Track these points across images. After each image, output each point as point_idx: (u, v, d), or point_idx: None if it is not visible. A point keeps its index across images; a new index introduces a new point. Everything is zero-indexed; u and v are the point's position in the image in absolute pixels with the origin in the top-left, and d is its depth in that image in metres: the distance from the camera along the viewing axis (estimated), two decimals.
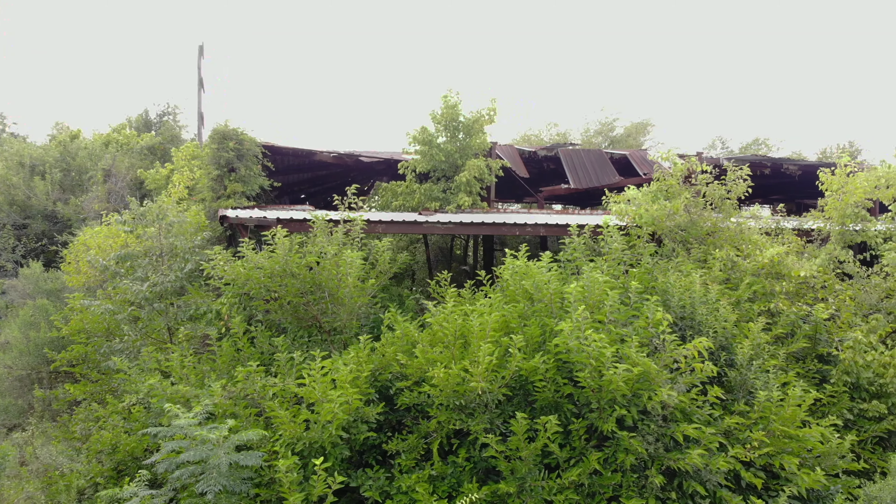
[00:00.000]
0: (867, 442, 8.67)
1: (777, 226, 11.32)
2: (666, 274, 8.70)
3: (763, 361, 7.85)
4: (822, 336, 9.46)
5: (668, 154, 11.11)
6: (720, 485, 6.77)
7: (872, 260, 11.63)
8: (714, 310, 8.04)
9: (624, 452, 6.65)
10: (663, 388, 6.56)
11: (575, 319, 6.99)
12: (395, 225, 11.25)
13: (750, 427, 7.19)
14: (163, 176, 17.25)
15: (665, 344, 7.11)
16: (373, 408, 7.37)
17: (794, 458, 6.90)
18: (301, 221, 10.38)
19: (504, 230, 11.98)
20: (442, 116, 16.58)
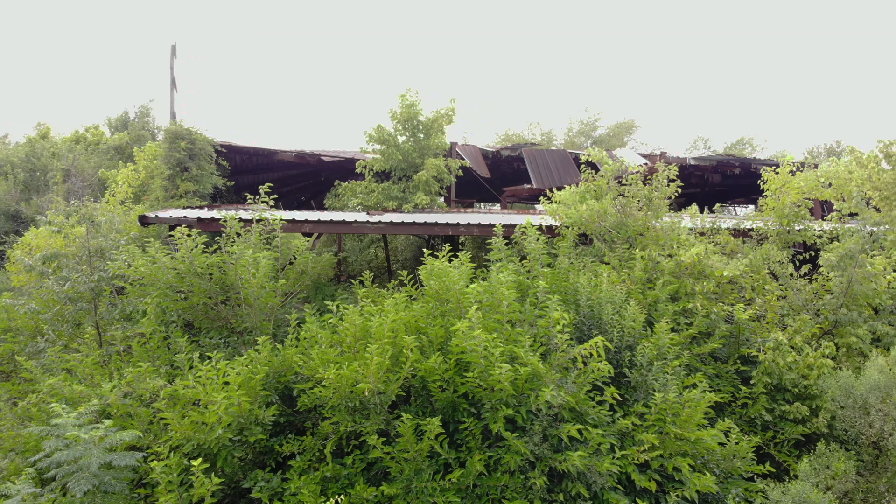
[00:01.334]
0: (784, 444, 8.57)
1: (713, 226, 11.21)
2: (578, 274, 8.62)
3: (666, 362, 7.75)
4: (746, 337, 9.37)
5: (599, 154, 11.01)
6: (611, 488, 6.67)
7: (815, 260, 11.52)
8: (619, 309, 7.95)
9: (509, 453, 6.57)
10: (547, 388, 6.47)
11: (469, 319, 6.91)
12: (322, 224, 11.17)
13: (646, 428, 7.10)
14: (136, 177, 17.21)
15: (559, 343, 7.03)
16: (266, 410, 7.29)
17: (685, 461, 6.80)
18: (213, 221, 10.29)
19: (436, 230, 11.89)
20: (401, 115, 16.52)
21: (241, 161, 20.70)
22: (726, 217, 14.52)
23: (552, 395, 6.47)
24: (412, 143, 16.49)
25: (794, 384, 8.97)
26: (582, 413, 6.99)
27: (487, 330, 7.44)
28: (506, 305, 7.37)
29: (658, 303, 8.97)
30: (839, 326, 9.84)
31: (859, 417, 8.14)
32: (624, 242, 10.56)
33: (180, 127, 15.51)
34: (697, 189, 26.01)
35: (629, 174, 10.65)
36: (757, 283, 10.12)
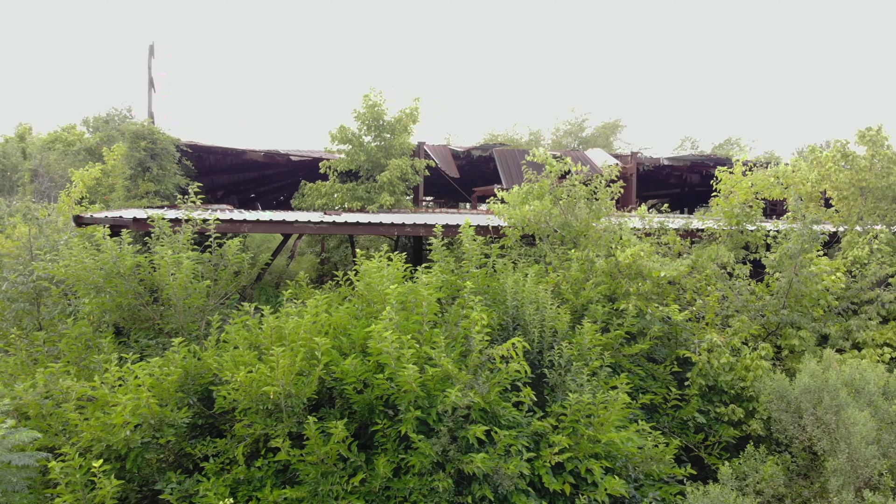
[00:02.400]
0: (715, 447, 8.49)
1: (661, 226, 11.12)
2: (508, 275, 8.54)
3: (587, 363, 7.67)
4: (685, 338, 9.29)
5: (544, 155, 10.92)
6: (522, 490, 6.60)
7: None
8: (540, 309, 7.87)
9: (416, 455, 6.51)
10: (453, 389, 6.40)
11: (383, 320, 6.85)
12: (262, 224, 11.09)
13: (561, 430, 7.02)
14: (92, 176, 17.16)
15: (475, 344, 6.96)
16: (179, 412, 7.23)
17: (598, 463, 6.73)
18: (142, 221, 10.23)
19: (381, 230, 11.80)
20: (365, 115, 16.45)
21: (216, 161, 20.68)
22: (675, 217, 14.42)
23: (457, 397, 6.39)
24: (377, 144, 16.43)
25: (731, 386, 8.88)
26: (496, 414, 6.91)
27: (408, 331, 7.38)
28: (425, 306, 7.29)
29: (591, 303, 8.88)
30: (783, 328, 9.75)
31: (792, 421, 8.04)
32: (569, 243, 10.49)
33: (142, 127, 15.47)
34: (677, 189, 25.91)
35: (573, 175, 10.57)
36: (700, 284, 10.02)
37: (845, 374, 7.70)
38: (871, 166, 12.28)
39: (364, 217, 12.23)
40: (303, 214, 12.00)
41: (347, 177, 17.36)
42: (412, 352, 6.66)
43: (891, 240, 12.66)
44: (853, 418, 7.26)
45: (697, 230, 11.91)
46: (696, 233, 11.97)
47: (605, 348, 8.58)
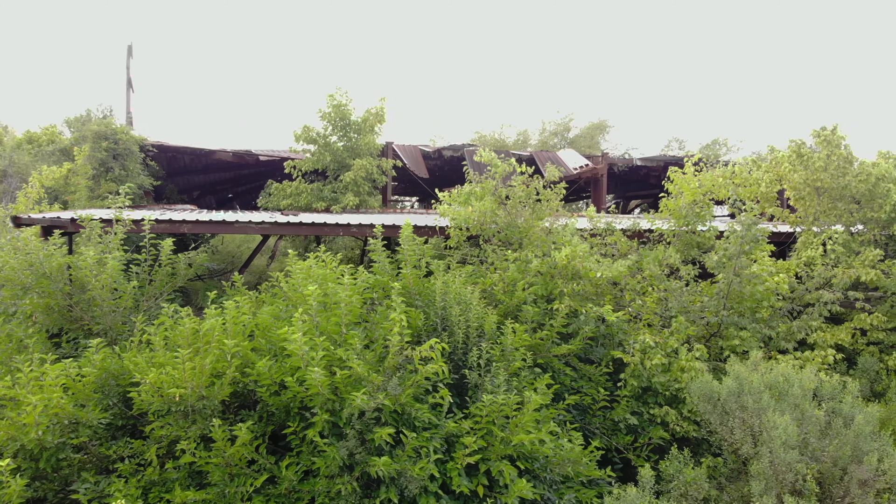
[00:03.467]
0: (644, 448, 8.43)
1: (608, 226, 11.05)
2: (440, 276, 8.48)
3: (508, 364, 7.62)
4: (621, 339, 9.24)
5: (489, 155, 10.86)
6: (432, 493, 6.55)
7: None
8: (465, 311, 7.82)
9: (321, 458, 6.47)
10: (358, 392, 6.36)
11: (295, 322, 6.80)
12: (202, 224, 11.05)
13: (476, 431, 6.96)
14: (60, 176, 17.16)
15: (390, 345, 6.92)
16: (95, 412, 7.20)
17: (509, 465, 6.68)
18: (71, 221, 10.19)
19: (326, 230, 11.75)
20: (331, 115, 16.41)
21: (190, 161, 20.64)
22: (624, 218, 14.35)
23: (363, 400, 6.34)
24: (343, 144, 16.39)
25: (666, 387, 8.82)
26: (410, 416, 6.86)
27: (329, 332, 7.34)
28: (343, 307, 7.25)
29: (524, 304, 8.82)
30: (725, 328, 9.68)
31: (720, 424, 7.97)
32: (515, 244, 10.43)
33: (105, 127, 15.44)
34: (657, 190, 25.82)
35: (516, 175, 10.51)
36: (641, 285, 9.96)
37: (769, 377, 7.63)
38: (826, 166, 12.20)
39: (308, 217, 12.19)
40: (245, 214, 11.96)
41: (317, 176, 17.32)
42: (322, 354, 6.61)
43: (847, 241, 12.59)
44: (773, 422, 7.19)
45: (646, 231, 11.84)
46: (643, 234, 11.90)
47: (536, 349, 8.53)
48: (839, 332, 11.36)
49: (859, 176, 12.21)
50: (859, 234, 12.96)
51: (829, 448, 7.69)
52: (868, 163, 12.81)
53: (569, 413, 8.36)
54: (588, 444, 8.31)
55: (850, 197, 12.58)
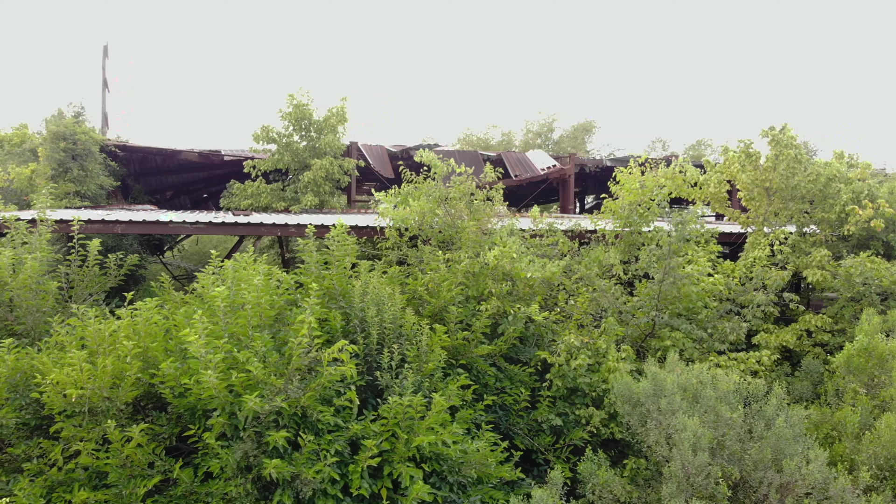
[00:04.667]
0: (563, 450, 8.38)
1: (549, 227, 11.00)
2: (361, 276, 8.43)
3: (421, 365, 7.57)
4: (552, 339, 9.20)
5: (430, 155, 10.81)
6: (333, 496, 6.51)
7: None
8: (380, 311, 7.77)
9: (215, 460, 6.44)
10: (251, 395, 6.31)
11: (195, 323, 6.76)
12: (136, 225, 10.98)
13: (383, 433, 6.92)
14: (25, 176, 17.13)
15: (294, 347, 6.88)
16: (4, 412, 7.18)
17: (410, 467, 6.64)
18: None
19: (263, 231, 11.69)
20: (291, 115, 16.37)
21: (162, 161, 20.63)
22: (568, 218, 14.29)
23: (256, 402, 6.30)
24: (305, 143, 16.37)
25: (593, 388, 8.77)
26: (312, 419, 6.81)
27: (236, 334, 7.31)
28: (248, 309, 7.21)
29: (452, 305, 8.76)
30: (659, 329, 9.63)
31: (640, 426, 7.92)
32: (456, 244, 10.39)
33: (63, 127, 15.42)
34: None
35: (455, 175, 10.47)
36: (577, 286, 9.91)
37: (682, 379, 7.58)
38: (775, 166, 12.14)
39: (244, 218, 12.13)
40: (180, 215, 11.92)
41: (281, 176, 17.30)
42: (221, 356, 6.57)
43: (797, 241, 12.54)
44: (683, 424, 7.14)
45: (589, 232, 11.79)
46: (584, 234, 11.85)
47: (459, 349, 8.49)
48: (785, 333, 11.31)
49: (808, 176, 12.15)
50: (811, 234, 12.91)
51: (750, 451, 7.64)
52: (820, 162, 12.76)
53: (491, 414, 8.33)
54: (511, 445, 8.27)
55: (801, 197, 12.51)
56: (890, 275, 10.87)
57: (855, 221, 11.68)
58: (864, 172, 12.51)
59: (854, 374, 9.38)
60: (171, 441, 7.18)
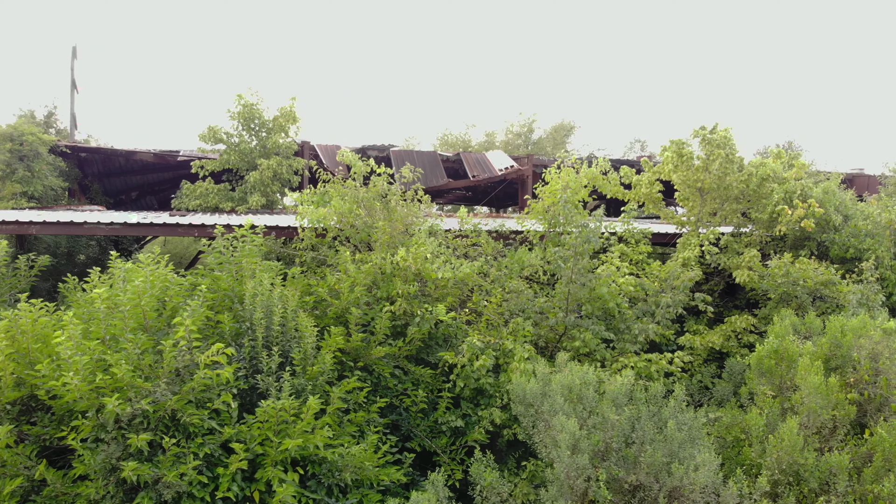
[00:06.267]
0: (458, 451, 8.34)
1: (475, 228, 10.94)
2: (259, 278, 8.37)
3: (306, 367, 7.53)
4: (461, 340, 9.15)
5: (352, 156, 10.76)
6: (201, 499, 6.48)
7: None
8: (269, 314, 7.72)
9: (80, 463, 6.42)
10: (110, 399, 6.28)
11: (69, 324, 6.74)
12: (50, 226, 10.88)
13: (257, 437, 6.88)
14: None
15: (167, 350, 6.84)
16: None
17: (279, 471, 6.60)
18: None
19: (180, 231, 11.66)
20: (241, 114, 16.35)
21: (125, 162, 20.63)
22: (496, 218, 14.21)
23: (116, 405, 6.27)
24: (254, 143, 16.33)
25: (497, 388, 8.72)
26: (181, 421, 6.77)
27: (116, 336, 7.28)
28: (124, 311, 7.18)
29: (355, 306, 8.71)
30: (570, 330, 9.57)
31: (532, 427, 7.86)
32: (376, 245, 10.33)
33: (10, 128, 15.42)
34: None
35: (374, 176, 10.42)
36: (493, 287, 9.85)
37: (568, 379, 7.52)
38: (707, 166, 12.06)
39: (160, 218, 12.06)
40: (94, 215, 11.87)
41: (233, 176, 17.27)
42: (87, 358, 6.55)
43: (729, 242, 12.47)
44: (561, 425, 7.08)
45: (515, 232, 11.73)
46: (508, 236, 11.79)
47: (358, 351, 8.45)
48: (712, 334, 11.24)
49: (741, 176, 12.07)
50: (746, 235, 12.84)
51: (643, 455, 7.57)
52: (756, 161, 12.68)
53: (395, 415, 8.31)
54: (405, 447, 8.24)
55: (736, 198, 12.44)
56: (816, 276, 10.79)
57: (786, 221, 11.60)
58: (799, 172, 12.43)
59: (766, 376, 9.30)
60: (54, 442, 7.15)
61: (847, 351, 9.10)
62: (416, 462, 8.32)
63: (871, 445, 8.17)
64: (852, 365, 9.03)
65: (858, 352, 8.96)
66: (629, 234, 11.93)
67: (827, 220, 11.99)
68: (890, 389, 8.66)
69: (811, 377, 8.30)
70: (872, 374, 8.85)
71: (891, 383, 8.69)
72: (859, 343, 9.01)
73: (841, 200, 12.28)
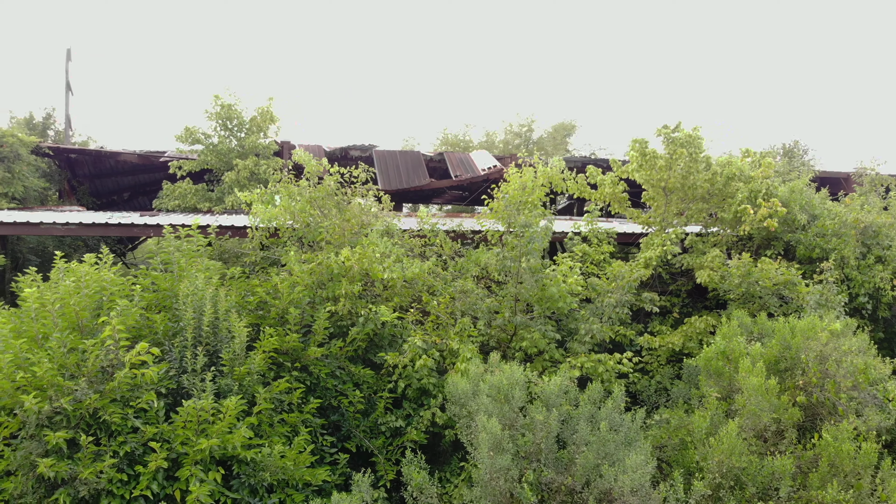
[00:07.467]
0: (395, 452, 8.34)
1: (432, 228, 10.93)
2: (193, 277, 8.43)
3: (231, 367, 7.57)
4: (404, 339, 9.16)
5: (306, 156, 10.79)
6: (121, 496, 6.55)
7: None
8: (198, 314, 7.77)
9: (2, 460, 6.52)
10: (28, 397, 6.37)
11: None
12: (5, 226, 11.10)
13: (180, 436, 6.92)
14: None
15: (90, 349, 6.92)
16: None
17: (198, 470, 6.64)
18: None
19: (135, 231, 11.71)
20: (219, 115, 16.47)
21: (116, 164, 20.85)
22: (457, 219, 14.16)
23: (33, 403, 6.35)
24: (233, 144, 16.45)
25: (440, 388, 8.71)
26: (102, 420, 6.83)
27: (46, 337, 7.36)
28: (53, 311, 7.27)
29: (292, 307, 8.75)
30: (519, 330, 9.54)
31: (465, 427, 7.85)
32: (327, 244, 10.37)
33: None
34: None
35: (327, 175, 10.45)
36: (443, 287, 9.85)
37: (496, 379, 7.49)
38: (669, 165, 11.96)
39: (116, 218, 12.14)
40: (51, 215, 12.00)
41: (213, 176, 17.40)
42: (10, 356, 6.65)
43: (694, 242, 12.36)
44: (482, 425, 7.06)
45: (474, 232, 11.70)
46: (466, 235, 11.76)
47: (296, 352, 8.48)
48: (673, 335, 11.15)
49: (705, 175, 11.97)
50: (713, 235, 12.72)
51: (578, 458, 7.53)
52: (722, 160, 12.55)
53: (336, 415, 8.35)
54: (344, 448, 8.26)
55: (702, 197, 12.33)
56: (776, 276, 10.66)
57: (749, 221, 11.48)
58: (766, 171, 12.28)
59: (714, 377, 9.21)
60: None
61: (796, 353, 8.99)
62: (357, 463, 8.33)
63: (817, 450, 8.06)
64: (801, 367, 8.91)
65: (807, 353, 8.84)
66: (592, 233, 11.85)
67: (793, 220, 11.85)
68: (837, 393, 8.54)
69: (752, 378, 8.21)
70: (820, 377, 8.72)
71: (839, 386, 8.57)
72: (807, 345, 8.89)
73: (808, 199, 12.13)
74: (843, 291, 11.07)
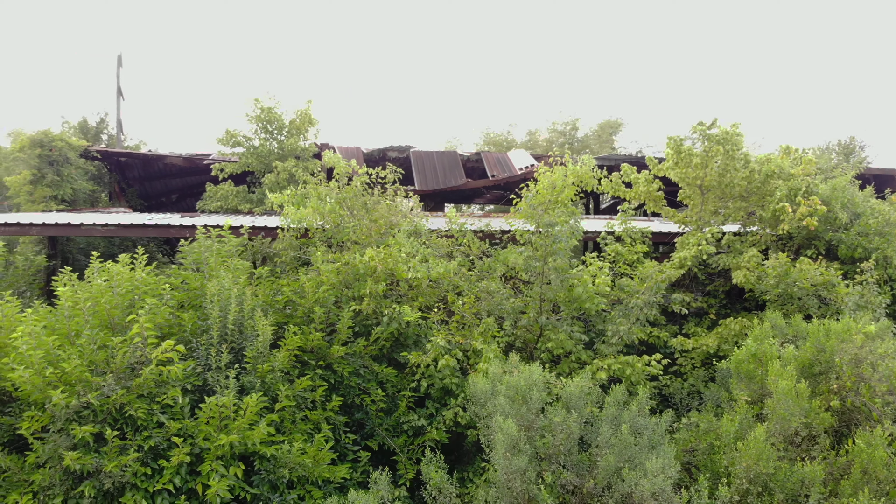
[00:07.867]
0: (416, 450, 8.38)
1: (461, 228, 10.93)
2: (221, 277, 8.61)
3: (255, 365, 7.70)
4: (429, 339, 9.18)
5: (335, 157, 10.90)
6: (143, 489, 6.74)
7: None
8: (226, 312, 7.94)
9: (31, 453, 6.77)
10: (55, 392, 6.60)
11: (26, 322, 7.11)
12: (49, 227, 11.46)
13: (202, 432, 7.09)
14: (19, 182, 18.17)
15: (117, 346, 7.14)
16: None
17: (218, 465, 6.79)
18: None
19: (172, 232, 12.01)
20: (259, 118, 16.79)
21: (164, 167, 21.47)
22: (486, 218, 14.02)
23: (61, 398, 6.58)
24: (272, 147, 16.75)
25: (464, 388, 8.72)
26: (127, 415, 7.03)
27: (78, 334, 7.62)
28: (86, 309, 7.52)
29: (317, 306, 8.86)
30: (546, 331, 9.48)
31: (486, 427, 7.83)
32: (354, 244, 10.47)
33: (42, 135, 16.28)
34: None
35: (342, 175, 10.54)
36: (469, 287, 9.84)
37: (514, 381, 7.45)
38: (705, 163, 11.70)
39: (153, 219, 12.50)
40: (91, 216, 12.38)
41: (255, 178, 17.75)
42: (41, 353, 6.89)
43: (732, 241, 12.07)
44: (498, 426, 7.03)
45: (502, 232, 11.64)
46: (494, 235, 11.70)
47: (320, 350, 8.58)
48: (707, 337, 10.92)
49: (743, 173, 11.67)
50: (751, 234, 12.40)
51: (600, 460, 7.45)
52: (762, 157, 12.23)
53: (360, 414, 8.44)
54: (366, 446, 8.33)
55: (740, 195, 12.03)
56: (814, 277, 10.33)
57: (788, 220, 11.15)
58: (808, 168, 11.91)
59: (745, 381, 8.98)
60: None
61: (830, 356, 8.70)
62: (379, 461, 8.38)
63: (850, 456, 7.79)
64: (835, 371, 8.61)
65: (841, 357, 8.55)
66: (626, 233, 11.67)
67: (834, 218, 11.47)
68: (872, 398, 8.23)
69: (781, 382, 7.98)
70: (855, 381, 8.42)
71: (873, 391, 8.26)
72: (842, 348, 8.59)
73: (850, 197, 11.71)
74: (886, 292, 10.66)
